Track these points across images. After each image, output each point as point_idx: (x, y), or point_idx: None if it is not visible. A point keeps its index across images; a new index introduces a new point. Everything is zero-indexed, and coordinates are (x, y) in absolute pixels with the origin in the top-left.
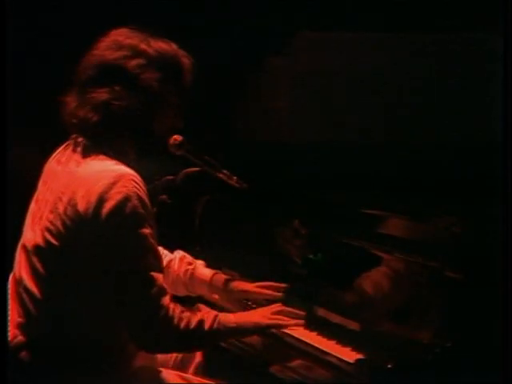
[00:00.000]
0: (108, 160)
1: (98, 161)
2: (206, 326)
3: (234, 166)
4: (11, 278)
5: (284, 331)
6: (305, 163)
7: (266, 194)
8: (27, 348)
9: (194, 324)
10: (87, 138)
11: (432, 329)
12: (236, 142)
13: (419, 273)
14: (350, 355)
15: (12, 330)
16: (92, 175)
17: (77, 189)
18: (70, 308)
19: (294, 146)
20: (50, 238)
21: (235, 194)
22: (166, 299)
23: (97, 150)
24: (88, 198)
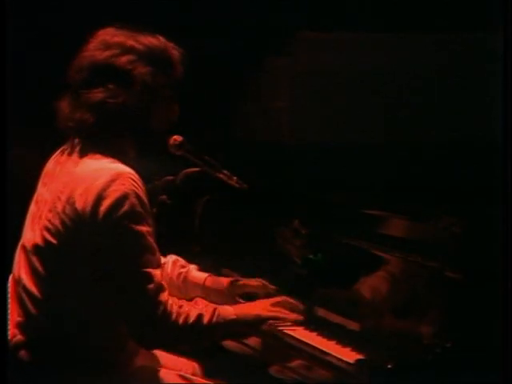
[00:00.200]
0: (106, 159)
1: (95, 160)
2: (206, 319)
3: (234, 166)
4: (10, 279)
5: (284, 331)
6: (305, 163)
7: (265, 194)
8: (26, 347)
9: (192, 318)
10: (85, 139)
11: (432, 329)
12: (236, 142)
13: (419, 273)
14: (350, 355)
15: (11, 329)
16: (90, 174)
17: (75, 187)
18: (70, 307)
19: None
20: (49, 237)
21: (235, 194)
22: (164, 295)
23: (95, 149)
24: (86, 196)
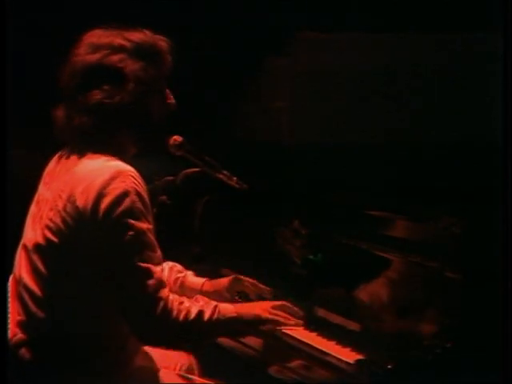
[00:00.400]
0: (107, 157)
1: (96, 158)
2: (206, 316)
3: (234, 166)
4: (11, 279)
5: (284, 332)
6: (305, 163)
7: (265, 194)
8: (27, 346)
9: (193, 315)
10: (85, 141)
11: (432, 329)
12: (236, 142)
13: (419, 273)
14: (350, 355)
15: (12, 328)
16: (91, 172)
17: (76, 185)
18: (71, 306)
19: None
20: (50, 236)
21: (235, 194)
22: (164, 292)
23: (95, 149)
24: (87, 193)
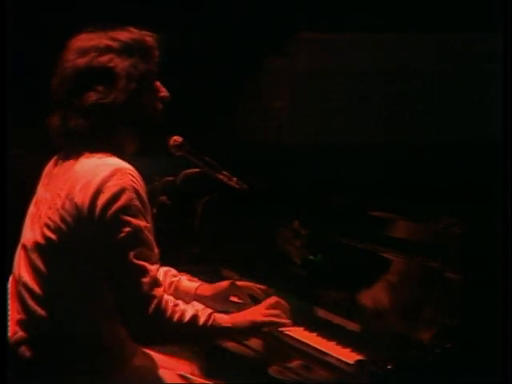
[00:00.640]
0: (105, 156)
1: (94, 157)
2: (201, 321)
3: (234, 166)
4: (10, 279)
5: (284, 332)
6: (305, 163)
7: (265, 194)
8: (27, 344)
9: (187, 318)
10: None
11: (432, 329)
12: (236, 142)
13: (419, 273)
14: (350, 356)
15: (12, 326)
16: (89, 170)
17: (75, 183)
18: (70, 304)
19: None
20: (49, 234)
21: (235, 195)
22: (159, 290)
23: (93, 148)
24: (85, 191)
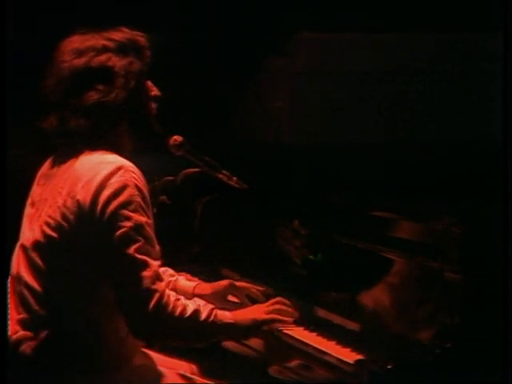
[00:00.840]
0: (106, 153)
1: (95, 155)
2: (202, 316)
3: (234, 166)
4: (9, 279)
5: (284, 332)
6: (305, 163)
7: (265, 194)
8: (28, 343)
9: (189, 313)
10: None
11: (432, 329)
12: (236, 142)
13: (419, 273)
14: (350, 356)
15: (12, 325)
16: (91, 167)
17: (76, 181)
18: (71, 303)
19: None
20: (50, 232)
21: (235, 194)
22: (160, 285)
23: (93, 146)
24: (87, 188)
